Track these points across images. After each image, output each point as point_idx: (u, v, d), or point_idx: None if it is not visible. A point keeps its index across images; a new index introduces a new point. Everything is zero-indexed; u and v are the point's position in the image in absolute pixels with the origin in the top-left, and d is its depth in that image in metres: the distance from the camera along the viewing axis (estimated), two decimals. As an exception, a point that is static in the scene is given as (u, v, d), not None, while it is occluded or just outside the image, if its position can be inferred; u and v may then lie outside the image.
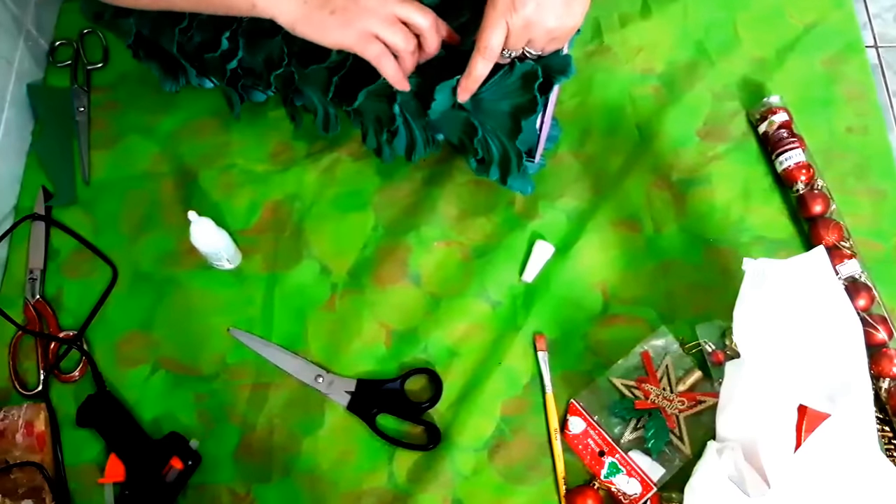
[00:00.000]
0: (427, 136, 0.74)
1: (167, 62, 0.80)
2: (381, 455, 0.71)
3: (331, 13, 0.61)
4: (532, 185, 0.74)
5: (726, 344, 0.72)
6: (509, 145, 0.69)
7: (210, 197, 0.81)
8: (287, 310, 0.76)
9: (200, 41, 0.74)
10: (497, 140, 0.69)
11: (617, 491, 0.68)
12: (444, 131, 0.74)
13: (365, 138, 0.77)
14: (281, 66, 0.71)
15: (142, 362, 0.75)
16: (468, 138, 0.71)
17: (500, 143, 0.69)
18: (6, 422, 0.69)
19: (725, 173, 0.81)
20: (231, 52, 0.73)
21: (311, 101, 0.75)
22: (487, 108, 0.68)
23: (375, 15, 0.61)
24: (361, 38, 0.61)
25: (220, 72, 0.76)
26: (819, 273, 0.63)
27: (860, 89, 0.85)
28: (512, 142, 0.68)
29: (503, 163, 0.71)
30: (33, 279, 0.78)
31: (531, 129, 0.67)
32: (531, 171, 0.76)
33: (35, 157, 0.84)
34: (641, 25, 0.89)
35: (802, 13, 0.89)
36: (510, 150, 0.69)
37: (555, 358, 0.73)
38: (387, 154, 0.77)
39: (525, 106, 0.66)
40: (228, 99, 0.81)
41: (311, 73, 0.71)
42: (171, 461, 0.68)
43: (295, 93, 0.76)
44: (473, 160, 0.73)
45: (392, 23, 0.61)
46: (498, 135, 0.69)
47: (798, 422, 0.58)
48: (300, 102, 0.77)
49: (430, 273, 0.77)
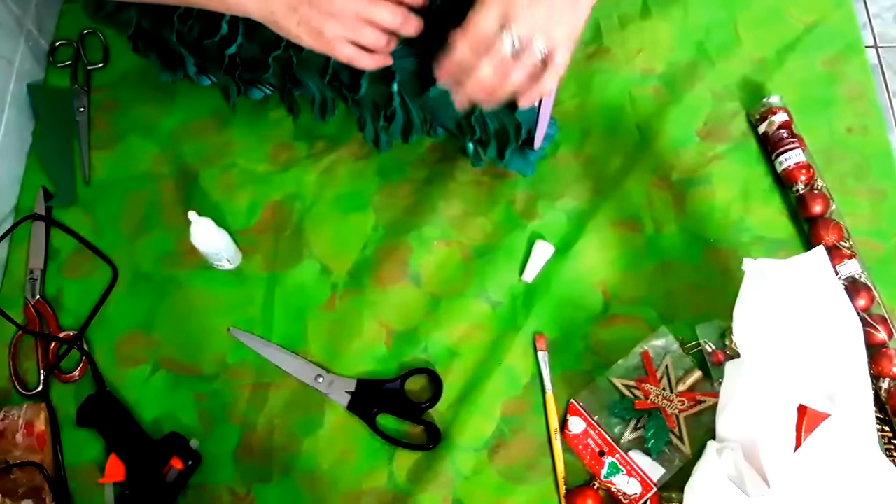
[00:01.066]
0: (424, 117, 0.73)
1: (166, 54, 0.80)
2: (382, 455, 0.71)
3: (297, 24, 0.61)
4: (533, 168, 0.74)
5: (726, 344, 0.72)
6: (507, 119, 0.68)
7: (210, 197, 0.82)
8: (287, 310, 0.76)
9: (200, 29, 0.74)
10: (494, 116, 0.69)
11: (617, 491, 0.68)
12: (442, 114, 0.73)
13: (363, 128, 0.76)
14: (279, 48, 0.71)
15: (142, 362, 0.75)
16: (465, 118, 0.70)
17: (498, 118, 0.69)
18: (6, 422, 0.69)
19: (725, 173, 0.81)
20: (230, 37, 0.73)
21: (309, 88, 0.75)
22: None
23: (341, 20, 0.60)
24: (331, 43, 0.61)
25: (218, 60, 0.75)
26: (819, 273, 0.63)
27: (860, 89, 0.85)
28: (511, 115, 0.68)
29: (501, 138, 0.70)
30: (33, 279, 0.78)
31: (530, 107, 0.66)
32: (532, 157, 0.76)
33: (35, 157, 0.84)
34: (641, 26, 0.89)
35: (802, 13, 0.89)
36: (508, 124, 0.68)
37: (555, 358, 0.73)
38: (384, 141, 0.76)
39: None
40: (225, 90, 0.80)
41: (307, 57, 0.71)
42: (171, 461, 0.68)
43: (293, 82, 0.75)
44: (471, 144, 0.72)
45: (360, 25, 0.61)
46: (495, 111, 0.68)
47: (798, 422, 0.58)
48: (298, 92, 0.77)
49: (431, 273, 0.77)
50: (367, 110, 0.74)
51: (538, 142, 0.75)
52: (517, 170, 0.73)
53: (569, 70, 0.86)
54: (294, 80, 0.75)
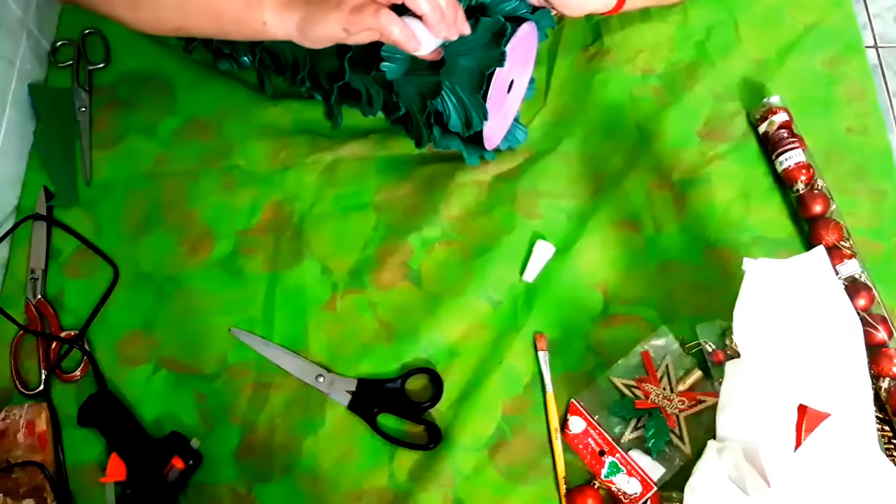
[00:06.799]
0: (377, 90, 0.73)
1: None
2: (382, 454, 0.71)
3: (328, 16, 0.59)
4: (476, 160, 0.76)
5: (726, 344, 0.72)
6: (470, 102, 0.68)
7: (211, 197, 0.82)
8: (288, 310, 0.76)
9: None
10: (455, 97, 0.69)
11: (617, 490, 0.68)
12: (402, 92, 0.72)
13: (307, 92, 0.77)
14: None
15: (143, 362, 0.75)
16: (426, 99, 0.70)
17: (461, 99, 0.69)
18: (7, 421, 0.69)
19: (726, 173, 0.81)
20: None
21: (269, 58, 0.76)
22: (448, 65, 0.67)
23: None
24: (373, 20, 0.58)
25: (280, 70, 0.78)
26: (819, 273, 0.63)
27: (860, 89, 0.85)
28: (475, 97, 0.68)
29: (465, 122, 0.71)
30: (35, 279, 0.78)
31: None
32: (487, 156, 0.79)
33: (36, 157, 0.84)
34: (642, 27, 0.89)
35: (802, 13, 0.89)
36: (470, 107, 0.69)
37: (555, 357, 0.73)
38: (338, 117, 0.77)
39: (490, 63, 0.66)
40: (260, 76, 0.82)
41: None
42: (172, 460, 0.68)
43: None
44: (437, 129, 0.73)
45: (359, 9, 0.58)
46: (457, 91, 0.68)
47: (798, 422, 0.58)
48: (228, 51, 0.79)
49: (431, 273, 0.78)
50: (318, 83, 0.75)
51: (493, 142, 0.75)
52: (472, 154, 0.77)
53: (569, 70, 0.87)
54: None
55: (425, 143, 0.76)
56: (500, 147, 0.81)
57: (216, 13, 0.64)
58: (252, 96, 0.86)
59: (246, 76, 0.87)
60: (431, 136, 0.74)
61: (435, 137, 0.74)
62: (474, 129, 0.70)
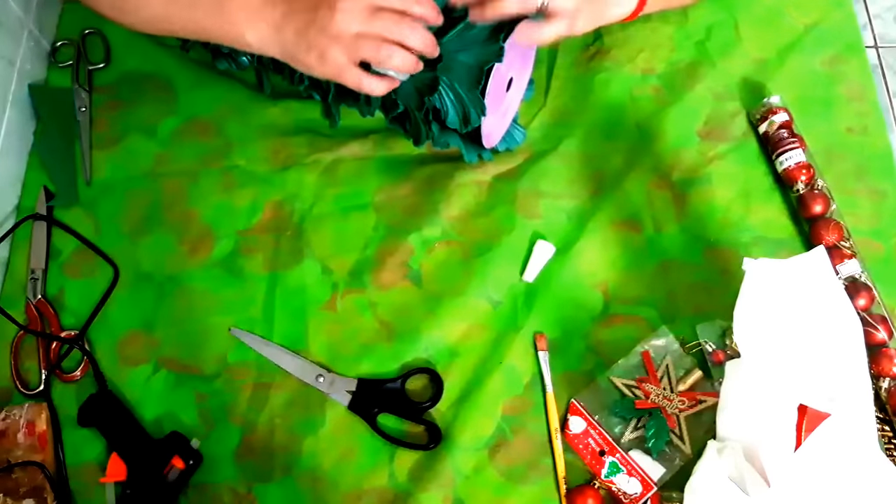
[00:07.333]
0: None
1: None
2: (382, 454, 0.71)
3: (307, 51, 0.62)
4: (474, 157, 0.76)
5: (726, 344, 0.72)
6: (468, 98, 0.68)
7: (211, 197, 0.82)
8: (288, 310, 0.76)
9: None
10: (453, 93, 0.69)
11: (617, 490, 0.68)
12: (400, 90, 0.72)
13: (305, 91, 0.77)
14: None
15: (143, 362, 0.75)
16: (424, 96, 0.70)
17: (458, 95, 0.69)
18: (8, 421, 0.69)
19: (726, 173, 0.81)
20: None
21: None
22: (446, 61, 0.67)
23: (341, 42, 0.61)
24: (339, 68, 0.62)
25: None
26: (819, 273, 0.63)
27: (860, 89, 0.85)
28: (473, 93, 0.68)
29: (463, 118, 0.71)
30: (35, 279, 0.78)
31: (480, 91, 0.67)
32: (485, 156, 0.79)
33: (37, 157, 0.85)
34: (642, 26, 0.89)
35: (803, 13, 0.89)
36: (468, 103, 0.69)
37: (555, 357, 0.73)
38: (336, 117, 0.77)
39: (488, 58, 0.66)
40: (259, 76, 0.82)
41: None
42: (172, 460, 0.68)
43: None
44: (436, 125, 0.73)
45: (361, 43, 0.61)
46: (455, 87, 0.68)
47: (798, 422, 0.58)
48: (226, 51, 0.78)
49: (431, 273, 0.78)
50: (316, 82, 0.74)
51: (491, 140, 0.75)
52: (472, 151, 0.76)
53: (569, 70, 0.87)
54: None
55: (423, 141, 0.75)
56: (499, 148, 0.81)
57: (202, 30, 0.66)
58: (252, 96, 0.86)
59: (246, 76, 0.87)
60: (430, 133, 0.74)
61: (433, 134, 0.74)
62: (472, 124, 0.70)
